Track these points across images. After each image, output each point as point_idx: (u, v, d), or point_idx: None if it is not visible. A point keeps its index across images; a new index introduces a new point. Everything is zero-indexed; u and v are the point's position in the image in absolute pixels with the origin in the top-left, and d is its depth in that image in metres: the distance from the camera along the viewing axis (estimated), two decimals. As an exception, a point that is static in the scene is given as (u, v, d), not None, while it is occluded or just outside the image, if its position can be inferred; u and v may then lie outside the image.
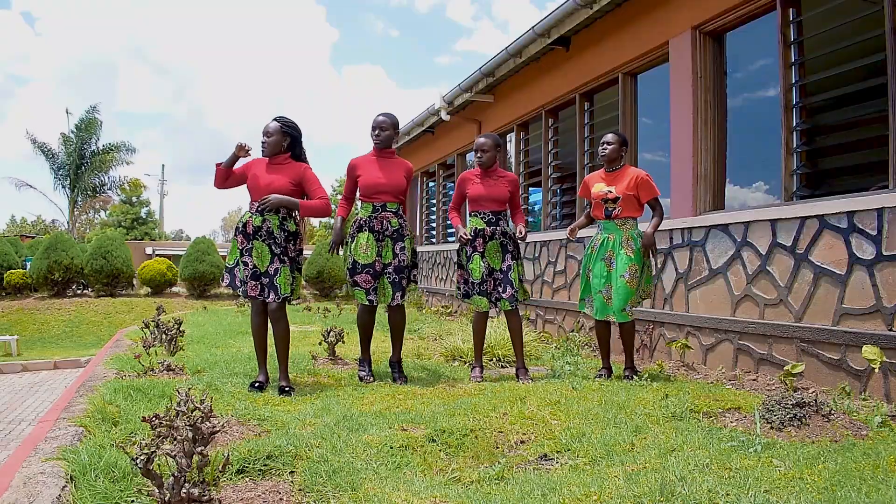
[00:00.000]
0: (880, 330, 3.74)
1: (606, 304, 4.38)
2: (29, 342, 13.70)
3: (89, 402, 3.36)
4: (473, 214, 4.58)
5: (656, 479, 2.25)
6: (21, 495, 2.10)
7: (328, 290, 17.04)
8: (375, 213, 4.35)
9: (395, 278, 4.32)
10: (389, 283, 4.32)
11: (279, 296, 3.99)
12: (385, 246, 4.33)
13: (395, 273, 4.32)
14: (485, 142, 4.60)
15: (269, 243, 4.02)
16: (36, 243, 20.28)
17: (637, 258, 4.30)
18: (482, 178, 4.60)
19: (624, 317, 4.31)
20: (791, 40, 4.66)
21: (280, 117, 4.16)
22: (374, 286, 4.29)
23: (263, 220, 4.02)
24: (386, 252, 4.33)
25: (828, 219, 4.12)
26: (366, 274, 4.27)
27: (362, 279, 4.27)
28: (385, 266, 4.33)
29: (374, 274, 4.29)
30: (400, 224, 4.40)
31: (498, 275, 4.52)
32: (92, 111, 28.16)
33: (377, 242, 4.31)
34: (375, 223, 4.33)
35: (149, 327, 6.07)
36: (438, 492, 2.32)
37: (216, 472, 2.28)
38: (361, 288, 4.28)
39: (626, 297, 4.26)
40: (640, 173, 4.42)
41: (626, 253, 4.30)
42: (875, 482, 2.23)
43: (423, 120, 11.14)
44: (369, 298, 4.28)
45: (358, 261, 4.28)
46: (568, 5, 6.33)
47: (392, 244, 4.35)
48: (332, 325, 5.71)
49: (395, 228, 4.36)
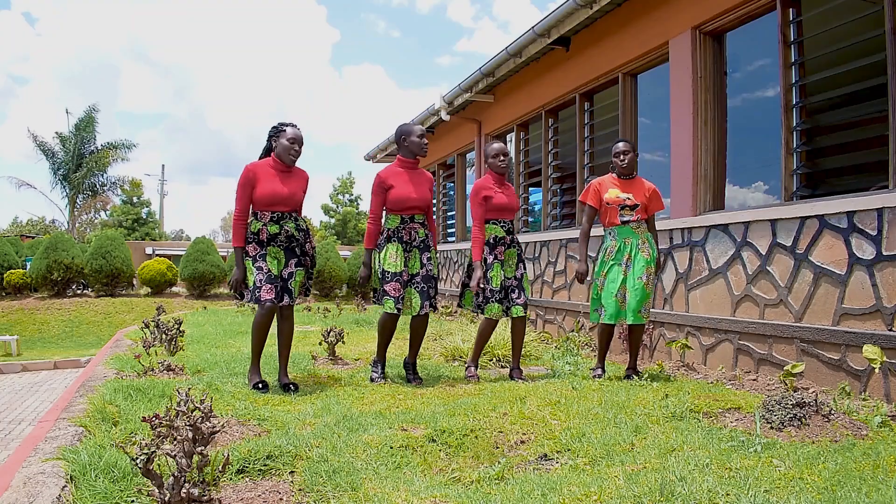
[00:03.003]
0: (880, 330, 3.75)
1: (620, 308, 4.35)
2: (29, 342, 13.70)
3: (89, 402, 3.36)
4: (494, 223, 4.53)
5: (656, 479, 2.25)
6: (21, 495, 2.10)
7: (328, 290, 17.04)
8: (404, 225, 4.36)
9: (423, 287, 4.35)
10: (417, 293, 4.34)
11: (293, 299, 4.07)
12: (412, 256, 4.36)
13: (422, 282, 4.36)
14: (504, 147, 4.61)
15: (286, 247, 4.07)
16: (36, 243, 20.27)
17: (653, 261, 4.37)
18: (499, 186, 4.57)
19: (639, 318, 4.31)
20: (791, 40, 4.66)
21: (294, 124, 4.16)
22: (402, 295, 4.31)
23: (281, 228, 4.05)
24: (413, 262, 4.36)
25: (828, 219, 4.12)
26: (395, 283, 4.27)
27: (391, 287, 4.27)
28: (412, 276, 4.36)
29: (403, 283, 4.30)
30: (426, 235, 4.43)
31: (512, 282, 4.53)
32: (90, 110, 28.21)
33: (405, 253, 4.33)
34: (404, 234, 4.35)
35: (149, 327, 6.08)
36: (438, 492, 2.32)
37: (216, 472, 2.28)
38: (391, 297, 4.27)
39: (643, 299, 4.29)
40: (652, 185, 4.53)
41: (644, 255, 4.35)
42: (875, 482, 2.23)
43: (422, 120, 11.13)
44: (397, 307, 4.28)
45: (387, 270, 4.28)
46: (568, 5, 6.33)
47: (419, 254, 4.37)
48: (332, 325, 5.71)
49: (421, 239, 4.40)
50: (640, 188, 4.46)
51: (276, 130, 4.10)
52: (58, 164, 28.11)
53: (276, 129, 4.11)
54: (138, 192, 38.83)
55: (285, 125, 4.11)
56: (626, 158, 4.46)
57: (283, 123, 4.13)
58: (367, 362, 5.09)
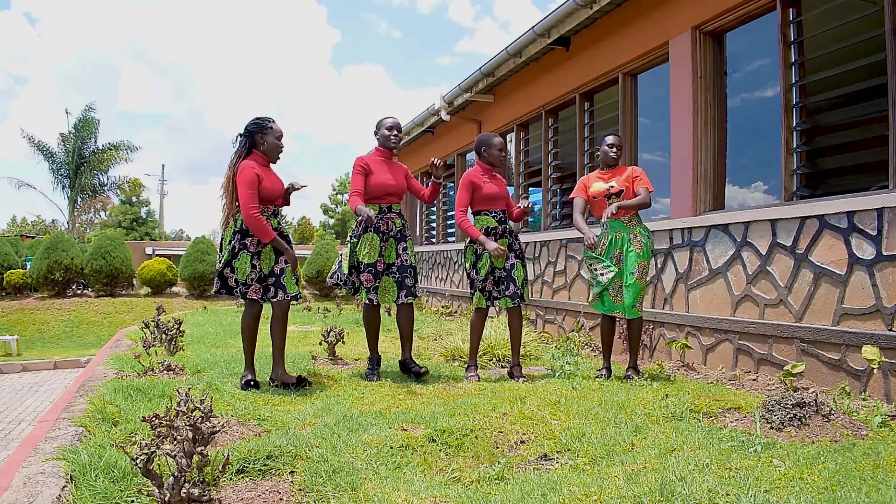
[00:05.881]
0: (880, 330, 3.74)
1: (615, 302, 4.42)
2: (29, 342, 13.70)
3: (89, 402, 3.36)
4: (485, 213, 4.58)
5: (656, 479, 2.25)
6: (21, 495, 2.10)
7: (328, 290, 17.03)
8: (382, 215, 4.43)
9: (399, 277, 4.40)
10: (394, 283, 4.39)
11: (287, 294, 4.06)
12: (388, 246, 4.42)
13: (398, 272, 4.41)
14: (502, 141, 4.72)
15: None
16: (36, 243, 20.28)
17: (646, 254, 4.37)
18: (489, 177, 4.64)
19: (634, 313, 4.35)
20: (791, 40, 4.66)
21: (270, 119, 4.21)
22: (376, 286, 4.37)
23: (279, 224, 4.17)
24: (389, 252, 4.42)
25: (828, 219, 4.12)
26: (368, 273, 4.35)
27: (365, 278, 4.35)
28: (388, 266, 4.41)
29: (376, 273, 4.37)
30: (403, 225, 4.52)
31: (501, 273, 4.53)
32: (88, 110, 28.18)
33: (381, 243, 4.39)
34: (381, 224, 4.41)
35: (149, 327, 6.07)
36: (438, 492, 2.32)
37: (216, 472, 2.28)
38: (365, 286, 4.36)
39: (636, 293, 4.32)
40: (634, 167, 4.55)
41: (636, 250, 4.36)
42: (875, 482, 2.23)
43: (422, 120, 11.14)
44: (370, 297, 4.37)
45: (362, 260, 4.35)
46: (568, 5, 6.33)
47: (395, 244, 4.44)
48: (332, 325, 5.71)
49: (398, 229, 4.48)
50: (621, 174, 4.50)
51: (261, 127, 4.08)
52: (58, 165, 28.09)
53: (260, 126, 4.09)
54: (138, 192, 38.86)
55: (270, 121, 4.13)
56: (617, 152, 4.52)
57: (267, 119, 4.13)
58: (367, 362, 5.09)
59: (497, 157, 4.64)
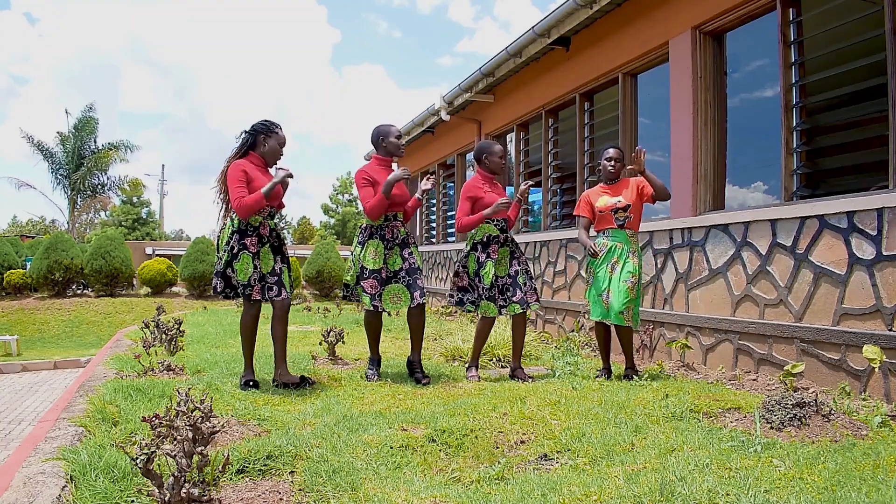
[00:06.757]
0: (880, 330, 3.75)
1: (605, 310, 4.43)
2: (29, 342, 13.70)
3: (89, 402, 3.36)
4: (488, 221, 4.57)
5: (656, 479, 2.25)
6: (21, 495, 2.10)
7: (328, 290, 17.04)
8: (387, 223, 4.45)
9: (409, 280, 4.42)
10: (405, 286, 4.41)
11: (288, 293, 4.11)
12: (393, 254, 4.43)
13: (407, 275, 4.43)
14: (503, 148, 4.72)
15: (274, 244, 4.15)
16: (36, 243, 20.29)
17: (638, 271, 4.39)
18: (490, 185, 4.65)
19: (620, 319, 4.34)
20: (791, 40, 4.66)
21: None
22: (380, 292, 4.37)
23: (275, 226, 4.21)
24: (393, 260, 4.43)
25: (828, 219, 4.12)
26: (372, 279, 4.35)
27: (368, 284, 4.35)
28: (395, 272, 4.42)
29: (380, 280, 4.37)
30: (406, 232, 4.55)
31: (506, 280, 4.56)
32: (88, 110, 28.19)
33: (385, 251, 4.41)
34: (386, 232, 4.44)
35: (149, 327, 6.08)
36: (438, 492, 2.32)
37: (216, 472, 2.28)
38: (367, 293, 4.36)
39: (624, 299, 4.30)
40: (637, 178, 4.53)
41: (633, 261, 4.38)
42: (875, 482, 2.23)
43: (422, 120, 11.14)
44: (374, 304, 4.36)
45: (366, 266, 4.35)
46: (568, 5, 6.33)
47: (400, 251, 4.46)
48: (332, 325, 5.72)
49: (402, 237, 4.50)
50: (627, 188, 4.51)
51: (267, 129, 4.14)
52: (58, 165, 28.10)
53: (267, 128, 4.14)
54: (138, 192, 38.86)
55: (278, 126, 4.18)
56: (616, 166, 4.53)
57: (275, 124, 4.18)
58: (367, 362, 5.09)
59: (498, 165, 4.65)
